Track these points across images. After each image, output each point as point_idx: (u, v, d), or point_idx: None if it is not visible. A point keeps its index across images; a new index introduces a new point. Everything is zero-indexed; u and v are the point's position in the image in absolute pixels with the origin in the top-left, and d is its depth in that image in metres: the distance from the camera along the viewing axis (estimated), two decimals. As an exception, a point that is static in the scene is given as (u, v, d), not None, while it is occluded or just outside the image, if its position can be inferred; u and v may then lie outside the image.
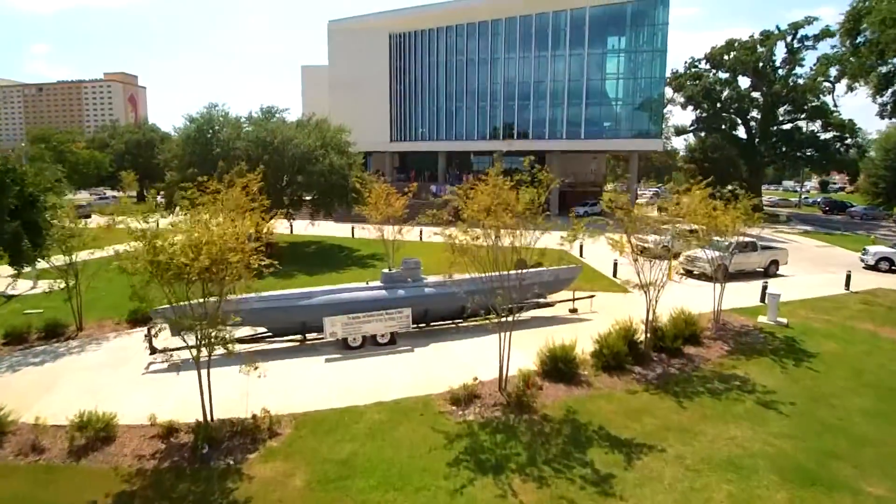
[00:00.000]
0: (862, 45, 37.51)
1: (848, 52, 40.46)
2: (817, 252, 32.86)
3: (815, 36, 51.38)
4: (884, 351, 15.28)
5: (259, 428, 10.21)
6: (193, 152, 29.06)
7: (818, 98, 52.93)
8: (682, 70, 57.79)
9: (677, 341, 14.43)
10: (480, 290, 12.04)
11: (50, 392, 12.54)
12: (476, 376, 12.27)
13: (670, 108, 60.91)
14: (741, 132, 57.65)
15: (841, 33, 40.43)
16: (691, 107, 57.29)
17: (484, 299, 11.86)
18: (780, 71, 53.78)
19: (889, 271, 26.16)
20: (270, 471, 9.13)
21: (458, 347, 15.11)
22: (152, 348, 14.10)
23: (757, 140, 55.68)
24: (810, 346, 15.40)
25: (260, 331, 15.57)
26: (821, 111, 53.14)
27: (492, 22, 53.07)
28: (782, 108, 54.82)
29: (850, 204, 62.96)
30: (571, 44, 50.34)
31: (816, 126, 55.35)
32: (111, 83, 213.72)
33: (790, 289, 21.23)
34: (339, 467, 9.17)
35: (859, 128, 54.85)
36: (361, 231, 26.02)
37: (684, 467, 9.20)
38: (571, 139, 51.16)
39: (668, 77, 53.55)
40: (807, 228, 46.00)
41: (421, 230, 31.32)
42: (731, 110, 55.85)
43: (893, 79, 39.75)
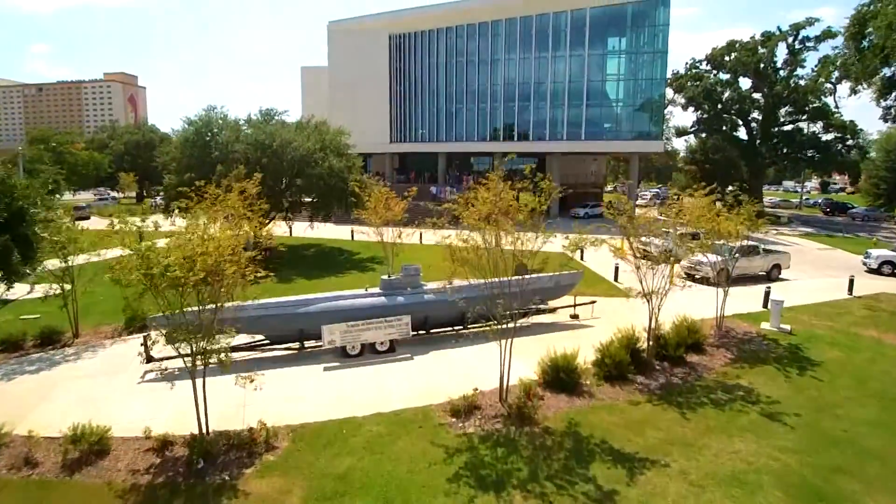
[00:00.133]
0: (867, 49, 37.22)
1: (853, 57, 40.11)
2: (819, 255, 32.69)
3: (816, 37, 51.22)
4: (888, 358, 15.11)
5: (255, 441, 10.05)
6: (192, 155, 28.82)
7: (819, 99, 52.70)
8: (683, 71, 57.64)
9: (680, 349, 14.26)
10: (480, 296, 11.87)
11: (45, 402, 12.40)
12: (476, 386, 12.12)
13: (671, 109, 60.75)
14: (742, 133, 57.50)
15: (846, 37, 40.09)
16: (692, 108, 57.07)
17: (484, 307, 11.69)
18: (781, 72, 53.55)
19: (892, 275, 25.98)
20: (267, 487, 8.97)
21: (458, 355, 14.94)
22: (149, 357, 13.93)
23: (758, 141, 55.47)
24: (814, 353, 15.24)
25: (258, 338, 15.41)
26: (822, 112, 52.93)
27: (492, 23, 52.85)
28: (783, 110, 54.59)
29: (851, 205, 62.69)
30: (572, 45, 50.11)
31: (817, 127, 55.18)
32: (111, 83, 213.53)
33: (793, 293, 21.10)
34: (336, 483, 9.01)
35: (860, 129, 54.74)
36: (361, 234, 25.85)
37: (688, 483, 9.04)
38: (572, 140, 50.93)
39: (669, 78, 53.30)
40: (808, 230, 45.79)
41: (421, 233, 31.18)
42: (732, 111, 55.62)
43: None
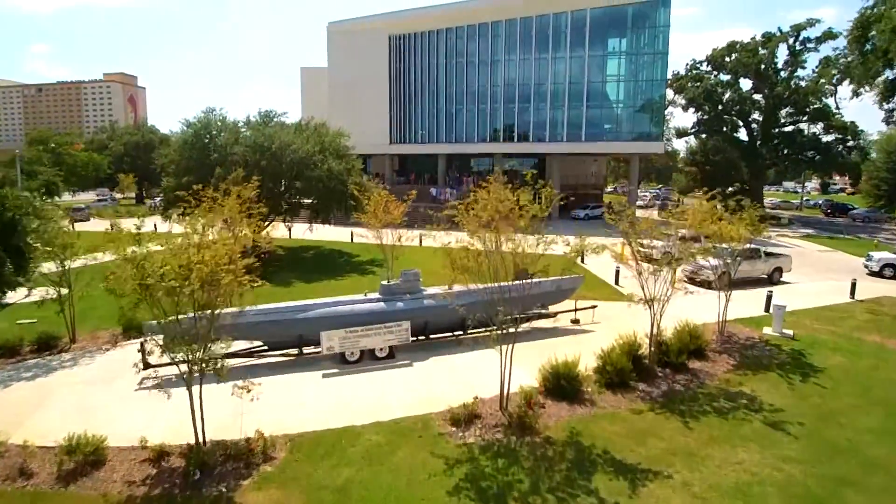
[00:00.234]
0: (870, 53, 37.08)
1: (856, 60, 39.93)
2: (820, 257, 32.57)
3: (817, 38, 51.12)
4: (891, 365, 14.98)
5: (253, 451, 9.91)
6: (190, 157, 28.69)
7: (820, 100, 52.57)
8: (683, 72, 57.52)
9: (682, 356, 14.13)
10: (481, 301, 11.72)
11: (40, 409, 12.28)
12: (476, 394, 12.01)
13: (671, 109, 60.58)
14: (743, 134, 57.36)
15: (849, 40, 39.90)
16: (692, 109, 56.95)
17: (484, 313, 11.54)
18: (782, 73, 53.42)
19: (893, 278, 25.86)
20: (264, 499, 8.84)
21: (458, 361, 14.82)
22: (146, 364, 13.78)
23: (758, 142, 55.34)
24: (817, 359, 15.12)
25: (256, 344, 15.28)
26: (823, 113, 52.80)
27: (492, 24, 52.71)
28: (784, 111, 54.48)
29: (852, 206, 62.56)
30: (572, 46, 49.98)
31: (818, 128, 55.04)
32: (111, 83, 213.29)
33: (794, 297, 20.96)
34: (335, 496, 8.88)
35: (861, 130, 54.62)
36: (360, 238, 25.70)
37: (691, 495, 8.91)
38: (572, 142, 50.77)
39: (669, 79, 53.15)
40: (808, 232, 45.66)
41: (420, 235, 31.04)
42: (733, 112, 55.49)
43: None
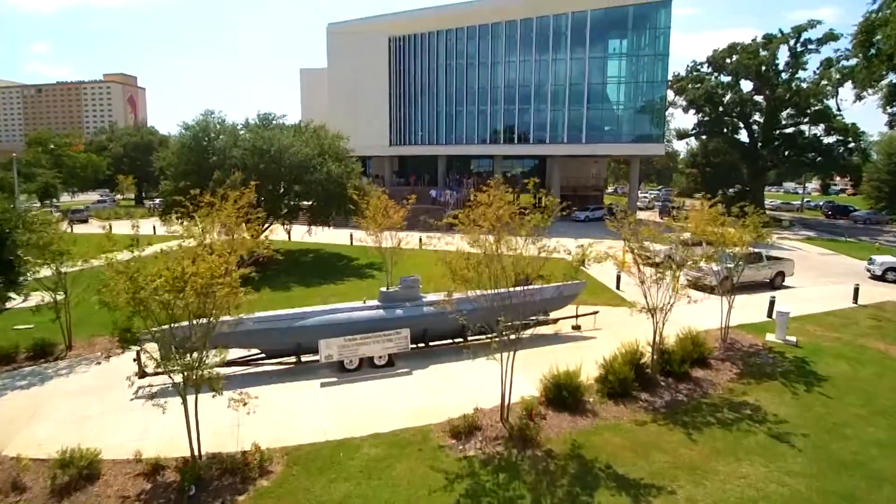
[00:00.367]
0: (874, 56, 36.86)
1: (861, 64, 39.68)
2: (822, 260, 32.41)
3: (818, 39, 50.92)
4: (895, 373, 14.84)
5: (249, 465, 9.74)
6: (189, 161, 28.51)
7: (821, 102, 52.37)
8: (684, 73, 57.36)
9: (684, 365, 13.94)
10: (481, 309, 11.54)
11: (35, 420, 12.13)
12: (476, 404, 11.88)
13: (672, 111, 60.38)
14: (743, 136, 57.16)
15: (854, 45, 39.65)
16: (693, 110, 56.78)
17: (485, 322, 11.35)
18: (783, 75, 53.24)
19: (896, 282, 25.73)
20: (260, 515, 8.69)
21: (458, 369, 14.64)
22: (142, 372, 13.62)
23: (759, 144, 55.16)
24: (821, 367, 14.95)
25: (253, 352, 15.11)
26: (824, 115, 52.59)
27: (492, 25, 52.53)
28: (785, 112, 54.31)
29: (853, 208, 62.36)
30: (572, 47, 49.83)
31: (819, 130, 54.83)
32: (110, 84, 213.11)
33: (797, 302, 20.80)
34: (332, 512, 8.73)
35: (863, 132, 54.42)
36: (360, 242, 25.54)
37: (696, 511, 8.76)
38: (572, 143, 50.60)
39: (670, 80, 52.97)
40: (810, 234, 45.49)
41: (420, 237, 30.89)
42: (734, 114, 55.32)
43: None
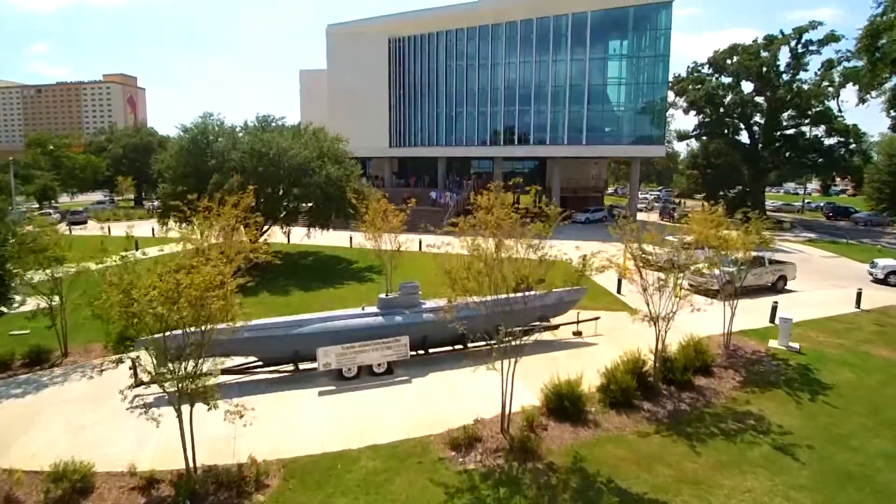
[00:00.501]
0: (878, 60, 36.62)
1: (865, 67, 39.43)
2: (824, 263, 32.24)
3: (819, 41, 50.70)
4: (901, 381, 14.65)
5: (245, 479, 9.58)
6: (187, 163, 28.34)
7: (822, 103, 52.14)
8: (685, 74, 57.13)
9: (687, 373, 13.79)
10: (481, 316, 11.36)
11: (29, 430, 11.99)
12: (477, 414, 11.73)
13: (672, 111, 60.16)
14: (744, 137, 56.90)
15: (858, 49, 39.39)
16: (694, 111, 56.53)
17: (484, 332, 11.18)
18: (783, 76, 52.99)
19: (899, 285, 25.54)
20: (256, 532, 8.52)
21: (458, 377, 14.44)
22: (138, 381, 13.45)
23: (760, 145, 54.92)
24: (825, 375, 14.78)
25: (250, 360, 14.95)
26: (825, 116, 52.34)
27: (492, 26, 52.31)
28: (786, 114, 54.02)
29: (854, 209, 62.13)
30: (573, 48, 49.60)
31: (820, 131, 54.58)
32: (110, 84, 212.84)
33: (799, 307, 20.64)
34: (330, 528, 8.57)
35: (864, 133, 54.18)
36: (360, 245, 25.31)
37: (700, 528, 8.59)
38: (573, 145, 50.35)
39: (671, 81, 52.75)
40: (811, 236, 45.30)
41: (420, 239, 30.69)
42: (734, 115, 55.05)
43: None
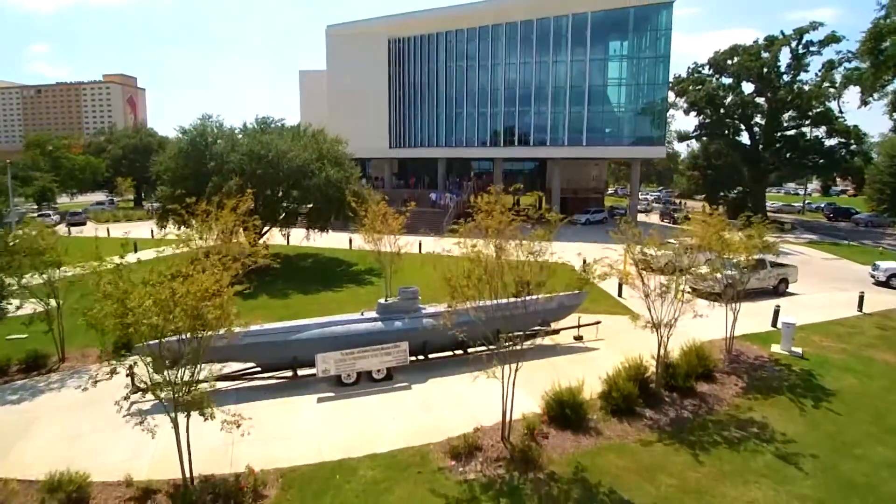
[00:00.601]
0: (881, 63, 36.47)
1: (869, 71, 39.27)
2: (825, 265, 32.13)
3: (820, 41, 50.56)
4: (905, 387, 14.52)
5: (243, 490, 9.44)
6: (186, 166, 28.20)
7: (823, 104, 52.01)
8: (685, 75, 57.01)
9: (689, 380, 13.65)
10: (481, 321, 11.22)
11: (25, 437, 11.89)
12: (477, 421, 11.61)
13: (673, 112, 60.06)
14: (745, 138, 56.78)
15: (862, 51, 39.23)
16: (694, 112, 56.42)
17: (484, 333, 11.04)
18: (784, 76, 52.86)
19: (901, 288, 25.42)
20: (253, 544, 8.39)
21: (458, 383, 14.31)
22: (135, 388, 13.32)
23: (761, 146, 54.80)
24: (828, 381, 14.65)
25: (248, 366, 14.81)
26: (825, 117, 52.22)
27: (492, 27, 52.21)
28: (787, 114, 53.89)
29: (855, 210, 62.02)
30: (573, 49, 49.53)
31: (821, 132, 54.44)
32: (110, 85, 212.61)
33: (801, 310, 20.51)
34: (328, 541, 8.43)
35: (865, 133, 54.07)
36: (359, 247, 25.21)
37: (704, 540, 8.46)
38: (573, 146, 50.26)
39: (671, 82, 52.62)
40: (812, 237, 45.18)
41: (420, 241, 30.61)
42: (735, 116, 54.94)
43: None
